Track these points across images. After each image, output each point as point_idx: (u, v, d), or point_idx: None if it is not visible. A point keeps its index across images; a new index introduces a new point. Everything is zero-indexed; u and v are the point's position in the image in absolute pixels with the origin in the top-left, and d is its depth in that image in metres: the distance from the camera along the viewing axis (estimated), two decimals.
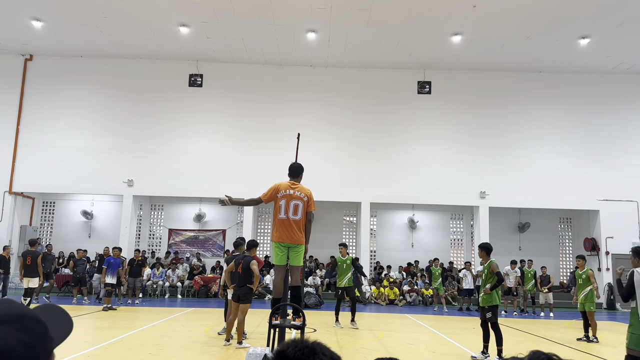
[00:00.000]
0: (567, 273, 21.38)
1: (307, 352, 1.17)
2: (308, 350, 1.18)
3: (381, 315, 12.63)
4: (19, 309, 0.97)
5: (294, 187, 6.72)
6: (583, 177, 19.58)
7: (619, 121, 20.05)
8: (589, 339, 10.75)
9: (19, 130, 19.67)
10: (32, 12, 16.76)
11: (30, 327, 0.96)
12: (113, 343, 8.81)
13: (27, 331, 0.95)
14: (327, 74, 20.26)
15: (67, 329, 1.09)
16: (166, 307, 15.33)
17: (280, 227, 6.60)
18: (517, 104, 20.19)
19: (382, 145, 19.81)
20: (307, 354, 1.17)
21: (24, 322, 0.95)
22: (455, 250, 21.89)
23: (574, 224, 21.66)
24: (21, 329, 0.94)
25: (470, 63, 19.62)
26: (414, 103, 20.18)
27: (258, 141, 19.65)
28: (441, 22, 16.55)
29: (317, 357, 1.16)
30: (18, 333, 0.93)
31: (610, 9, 15.47)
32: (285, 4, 15.64)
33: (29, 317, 0.97)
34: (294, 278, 6.76)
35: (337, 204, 20.46)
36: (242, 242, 9.85)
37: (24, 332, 0.94)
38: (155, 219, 21.96)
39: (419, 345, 9.81)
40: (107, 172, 19.33)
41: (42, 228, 21.34)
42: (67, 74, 20.02)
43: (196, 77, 20.10)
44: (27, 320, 0.96)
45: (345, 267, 12.26)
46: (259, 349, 6.57)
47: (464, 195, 19.56)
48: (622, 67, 19.63)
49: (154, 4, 15.92)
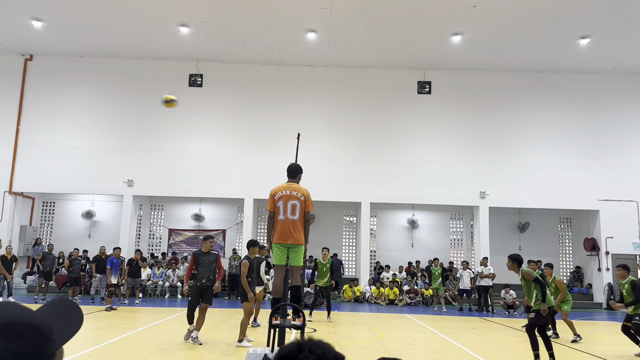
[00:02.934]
0: (567, 273, 21.38)
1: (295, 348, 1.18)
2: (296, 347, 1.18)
3: (381, 315, 12.65)
4: (10, 316, 0.94)
5: (290, 187, 6.71)
6: (583, 177, 19.58)
7: (619, 121, 20.05)
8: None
9: (19, 130, 19.67)
10: (32, 12, 16.76)
11: (21, 334, 0.93)
12: (113, 343, 8.81)
13: (18, 339, 0.92)
14: (327, 74, 20.25)
15: (75, 327, 1.06)
16: (166, 307, 15.33)
17: (279, 228, 6.59)
18: (517, 104, 20.19)
19: (382, 145, 19.81)
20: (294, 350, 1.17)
21: (14, 330, 0.92)
22: (455, 250, 21.89)
23: (574, 224, 21.66)
24: (12, 337, 0.91)
25: (470, 63, 19.62)
26: (414, 103, 20.18)
27: (258, 141, 19.65)
28: (441, 22, 16.55)
29: (301, 354, 1.16)
30: (8, 343, 0.90)
31: (610, 9, 15.47)
32: (285, 4, 15.64)
33: (20, 324, 0.93)
34: (294, 278, 6.76)
35: (337, 204, 20.46)
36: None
37: (15, 341, 0.91)
38: (155, 219, 21.96)
39: (419, 345, 9.81)
40: (107, 172, 19.33)
41: (42, 228, 21.34)
42: (67, 74, 20.02)
43: (196, 77, 20.10)
44: (18, 327, 0.93)
45: (325, 270, 13.16)
46: (259, 349, 6.58)
47: (464, 195, 19.56)
48: (622, 67, 19.64)
49: (154, 4, 15.92)
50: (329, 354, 1.18)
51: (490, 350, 9.48)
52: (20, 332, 0.93)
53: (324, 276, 13.11)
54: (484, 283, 16.95)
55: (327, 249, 13.60)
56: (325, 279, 13.13)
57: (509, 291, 16.83)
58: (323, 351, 1.18)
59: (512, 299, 16.74)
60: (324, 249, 13.59)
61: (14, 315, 0.94)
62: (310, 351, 1.17)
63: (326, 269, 13.14)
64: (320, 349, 1.18)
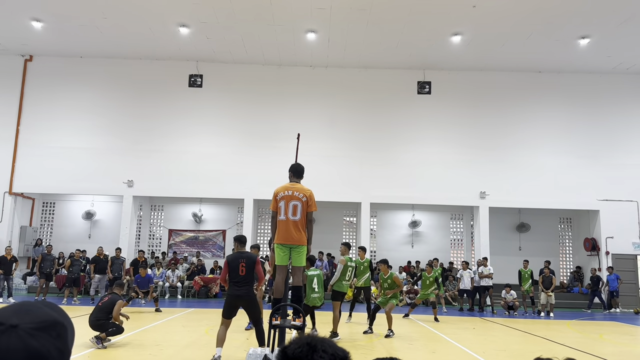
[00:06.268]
0: (567, 273, 21.39)
1: (306, 349, 1.17)
2: (308, 348, 1.18)
3: (381, 315, 12.63)
4: (52, 316, 0.99)
5: (292, 187, 6.70)
6: (583, 177, 19.58)
7: (619, 121, 20.05)
8: None
9: (19, 130, 19.67)
10: (32, 13, 16.76)
11: (61, 333, 0.98)
12: (113, 343, 8.81)
13: (60, 338, 0.97)
14: (327, 74, 20.26)
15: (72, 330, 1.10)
16: (166, 308, 15.32)
17: (281, 228, 6.59)
18: (517, 104, 20.19)
19: (382, 145, 19.82)
20: (306, 351, 1.17)
21: (57, 328, 0.98)
22: (455, 250, 21.89)
23: (574, 224, 21.66)
24: (56, 336, 0.96)
25: (470, 63, 19.62)
26: (414, 103, 20.18)
27: (258, 141, 19.65)
28: (441, 22, 16.56)
29: (316, 354, 1.16)
30: (55, 340, 0.95)
31: (610, 9, 15.47)
32: (285, 4, 15.65)
33: (60, 323, 0.99)
34: (296, 279, 6.76)
35: (337, 204, 20.45)
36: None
37: (58, 339, 0.97)
38: (155, 219, 21.96)
39: (419, 345, 9.81)
40: (107, 173, 19.33)
41: (42, 229, 21.34)
42: (67, 75, 20.02)
43: (196, 78, 20.11)
44: (60, 326, 0.99)
45: (363, 268, 12.40)
46: (259, 349, 6.58)
47: (464, 195, 19.57)
48: (621, 67, 19.64)
49: (154, 4, 15.93)
50: (338, 351, 1.19)
51: (490, 350, 9.48)
52: (61, 331, 0.98)
53: (362, 275, 12.39)
54: (484, 283, 16.96)
55: (363, 248, 12.81)
56: (365, 278, 12.41)
57: (509, 291, 16.82)
58: (333, 349, 1.18)
59: (512, 299, 16.73)
60: (360, 247, 12.86)
61: (52, 314, 0.99)
62: (324, 351, 1.17)
63: (364, 267, 12.40)
64: (331, 347, 1.18)
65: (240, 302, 7.22)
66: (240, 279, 7.17)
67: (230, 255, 7.50)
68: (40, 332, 0.94)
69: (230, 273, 7.24)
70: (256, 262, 7.34)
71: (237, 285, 7.18)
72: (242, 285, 7.19)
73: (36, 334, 0.93)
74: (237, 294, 7.15)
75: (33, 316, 0.96)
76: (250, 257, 7.33)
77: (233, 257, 7.37)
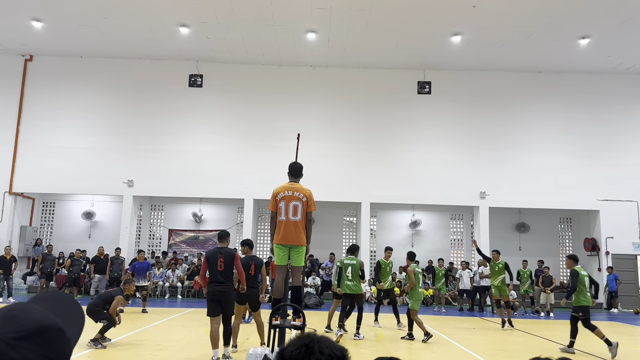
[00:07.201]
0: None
1: (304, 351, 1.17)
2: (306, 350, 1.17)
3: (381, 315, 12.65)
4: (40, 320, 0.91)
5: (292, 187, 6.67)
6: (583, 177, 19.58)
7: (619, 121, 20.05)
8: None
9: (19, 130, 19.67)
10: (32, 12, 16.76)
11: (51, 338, 0.90)
12: (113, 343, 8.81)
13: (49, 344, 0.89)
14: (327, 74, 20.26)
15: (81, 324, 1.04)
16: (166, 308, 15.33)
17: (280, 228, 6.58)
18: (517, 104, 20.19)
19: (382, 145, 19.81)
20: (304, 353, 1.17)
21: (45, 334, 0.89)
22: (455, 250, 21.89)
23: (574, 224, 21.66)
24: (43, 343, 0.88)
25: (470, 63, 19.62)
26: (414, 103, 20.18)
27: (258, 141, 19.65)
28: (441, 22, 16.56)
29: (313, 356, 1.16)
30: (40, 348, 0.87)
31: (610, 9, 15.47)
32: (285, 4, 15.65)
33: (50, 328, 0.91)
34: (295, 279, 6.75)
35: (337, 204, 20.45)
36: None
37: (46, 346, 0.88)
38: (155, 219, 21.96)
39: (419, 345, 9.81)
40: (107, 173, 19.33)
41: (42, 228, 21.34)
42: (67, 74, 20.02)
43: (196, 78, 20.11)
44: (49, 332, 0.90)
45: (389, 269, 12.33)
46: (259, 349, 6.59)
47: (464, 195, 19.56)
48: (621, 67, 19.64)
49: (154, 4, 15.93)
50: (336, 350, 1.18)
51: (490, 350, 9.48)
52: (51, 337, 0.90)
53: (387, 276, 12.16)
54: (484, 283, 16.96)
55: (389, 249, 12.50)
56: (389, 281, 12.22)
57: (509, 291, 16.79)
58: (331, 349, 1.18)
59: (512, 299, 16.72)
60: (387, 248, 12.54)
61: (40, 319, 0.91)
62: (321, 352, 1.16)
63: (390, 268, 12.24)
64: (328, 347, 1.18)
65: (220, 297, 7.32)
66: (219, 274, 7.31)
67: (209, 251, 7.68)
68: (22, 342, 0.85)
69: (210, 268, 7.39)
70: (235, 258, 7.46)
71: (217, 282, 7.32)
72: (220, 280, 7.32)
73: (17, 345, 0.85)
74: (217, 290, 7.29)
75: (16, 324, 0.87)
76: (228, 253, 7.48)
77: (211, 252, 7.56)
